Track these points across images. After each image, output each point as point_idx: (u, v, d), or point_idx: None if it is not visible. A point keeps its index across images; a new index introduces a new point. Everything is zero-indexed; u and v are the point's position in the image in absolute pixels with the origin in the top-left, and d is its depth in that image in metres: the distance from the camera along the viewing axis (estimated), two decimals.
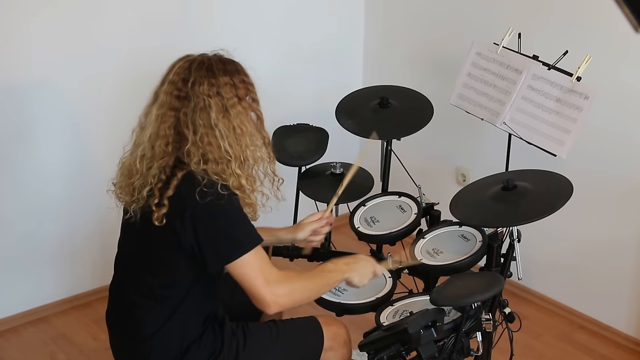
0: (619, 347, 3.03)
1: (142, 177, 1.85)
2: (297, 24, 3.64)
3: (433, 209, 2.52)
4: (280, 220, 3.28)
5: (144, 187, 1.84)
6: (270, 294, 1.82)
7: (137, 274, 1.94)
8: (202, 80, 1.81)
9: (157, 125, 1.83)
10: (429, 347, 1.89)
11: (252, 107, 1.90)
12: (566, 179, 2.19)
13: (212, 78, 1.82)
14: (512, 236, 2.26)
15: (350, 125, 2.71)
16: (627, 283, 2.99)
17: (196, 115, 1.80)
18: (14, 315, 3.12)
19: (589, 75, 2.39)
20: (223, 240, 1.81)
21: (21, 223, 3.04)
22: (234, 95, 1.83)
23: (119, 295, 2.02)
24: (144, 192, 1.83)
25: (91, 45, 3.01)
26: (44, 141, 3.02)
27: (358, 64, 3.95)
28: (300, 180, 2.64)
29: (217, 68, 1.84)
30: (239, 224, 1.83)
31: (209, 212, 1.78)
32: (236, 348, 1.96)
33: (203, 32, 3.29)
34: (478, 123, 2.72)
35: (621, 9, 0.93)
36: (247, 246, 1.82)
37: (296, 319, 2.12)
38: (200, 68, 1.83)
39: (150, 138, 1.84)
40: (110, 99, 3.08)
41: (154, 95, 1.88)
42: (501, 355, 2.42)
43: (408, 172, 2.73)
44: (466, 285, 1.98)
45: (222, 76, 1.83)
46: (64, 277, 3.22)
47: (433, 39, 3.57)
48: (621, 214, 2.96)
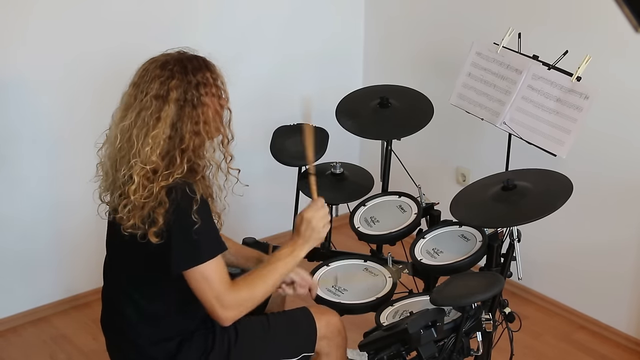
0: (619, 347, 3.03)
1: (113, 179, 1.85)
2: (298, 25, 3.64)
3: (433, 209, 2.52)
4: (280, 220, 3.30)
5: (115, 190, 1.84)
6: (223, 312, 1.81)
7: (124, 280, 1.94)
8: (155, 80, 1.79)
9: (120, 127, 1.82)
10: (429, 347, 1.89)
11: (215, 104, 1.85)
12: (566, 178, 2.19)
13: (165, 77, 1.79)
14: (512, 236, 2.26)
15: (351, 125, 2.71)
16: (627, 283, 2.99)
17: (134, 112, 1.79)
18: (14, 315, 3.12)
19: (589, 75, 2.39)
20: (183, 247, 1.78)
21: (21, 223, 3.04)
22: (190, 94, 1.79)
23: (110, 300, 2.02)
24: (116, 195, 1.83)
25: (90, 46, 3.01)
26: (42, 142, 3.02)
27: (358, 65, 3.95)
28: (300, 181, 2.64)
29: (174, 65, 1.80)
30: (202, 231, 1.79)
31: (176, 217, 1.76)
32: (228, 344, 1.96)
33: (204, 33, 3.29)
34: (478, 123, 2.72)
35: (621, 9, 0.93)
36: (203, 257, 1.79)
37: (288, 311, 2.12)
38: (158, 67, 1.81)
39: (114, 140, 1.84)
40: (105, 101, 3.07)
41: (121, 98, 1.88)
42: (501, 355, 2.42)
43: (408, 172, 2.73)
44: (466, 285, 1.98)
45: (178, 74, 1.79)
46: (64, 277, 3.22)
47: (433, 40, 3.57)
48: (621, 214, 2.96)
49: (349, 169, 2.69)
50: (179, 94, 1.78)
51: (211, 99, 1.83)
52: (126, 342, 1.96)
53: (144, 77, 1.81)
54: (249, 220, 3.58)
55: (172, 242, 1.76)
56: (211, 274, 1.80)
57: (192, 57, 1.85)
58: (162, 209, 1.74)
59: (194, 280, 1.80)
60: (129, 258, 1.89)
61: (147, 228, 1.76)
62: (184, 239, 1.77)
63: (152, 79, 1.79)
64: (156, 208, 1.75)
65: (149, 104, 1.78)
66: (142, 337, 1.92)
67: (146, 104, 1.78)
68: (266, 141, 2.68)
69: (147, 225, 1.76)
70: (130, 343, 1.94)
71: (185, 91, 1.79)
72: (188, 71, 1.80)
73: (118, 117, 1.85)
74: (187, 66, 1.81)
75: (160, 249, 1.77)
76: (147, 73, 1.82)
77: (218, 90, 1.85)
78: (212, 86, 1.83)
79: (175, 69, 1.80)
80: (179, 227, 1.76)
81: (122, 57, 3.08)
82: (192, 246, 1.78)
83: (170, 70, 1.79)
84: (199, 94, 1.80)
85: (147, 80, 1.80)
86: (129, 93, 1.84)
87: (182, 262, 1.79)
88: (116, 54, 3.06)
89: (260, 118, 3.37)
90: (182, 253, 1.78)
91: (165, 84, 1.78)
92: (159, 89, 1.78)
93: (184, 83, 1.79)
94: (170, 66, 1.80)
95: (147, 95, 1.78)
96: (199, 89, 1.80)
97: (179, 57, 1.84)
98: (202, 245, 1.79)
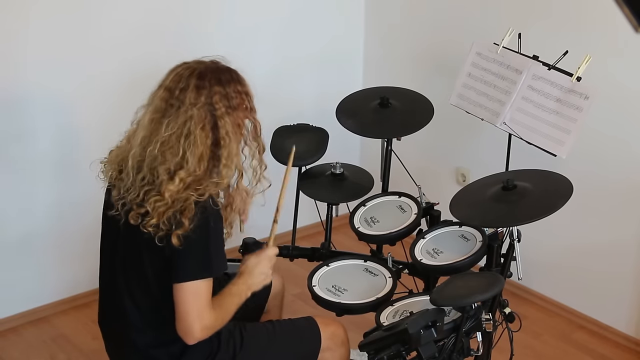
0: (619, 347, 3.03)
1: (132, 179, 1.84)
2: (298, 27, 3.64)
3: (433, 209, 2.52)
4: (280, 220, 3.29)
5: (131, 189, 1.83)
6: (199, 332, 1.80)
7: (128, 282, 1.92)
8: (192, 89, 1.81)
9: (150, 129, 1.83)
10: (429, 347, 1.89)
11: (247, 115, 1.90)
12: (566, 179, 2.19)
13: (202, 88, 1.81)
14: (512, 236, 2.26)
15: (351, 124, 2.71)
16: (627, 283, 2.99)
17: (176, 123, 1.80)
18: (14, 315, 3.12)
19: (589, 75, 2.39)
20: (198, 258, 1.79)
21: (21, 223, 3.05)
22: (225, 106, 1.83)
23: (110, 301, 2.00)
24: (131, 195, 1.82)
25: (87, 50, 3.01)
26: (42, 143, 3.02)
27: (358, 66, 3.95)
28: (300, 181, 2.64)
29: (210, 77, 1.83)
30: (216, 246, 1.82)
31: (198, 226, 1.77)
32: (233, 348, 1.95)
33: (205, 35, 3.29)
34: (478, 123, 2.72)
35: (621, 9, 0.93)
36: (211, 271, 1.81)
37: (293, 319, 2.12)
38: (194, 76, 1.83)
39: (142, 141, 1.84)
40: (106, 102, 3.09)
41: (150, 98, 1.88)
42: (501, 355, 2.42)
43: (408, 172, 2.73)
44: (466, 285, 1.98)
45: (215, 85, 1.82)
46: (64, 277, 3.22)
47: (433, 41, 3.57)
48: (621, 214, 2.96)
49: (349, 169, 2.69)
50: (218, 106, 1.81)
51: (244, 112, 1.88)
52: (128, 344, 1.95)
53: (179, 82, 1.83)
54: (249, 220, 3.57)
55: (191, 249, 1.77)
56: (204, 290, 1.80)
57: (225, 68, 1.89)
58: (188, 213, 1.76)
59: (186, 291, 1.79)
60: (139, 260, 1.87)
61: (172, 229, 1.76)
62: (202, 249, 1.79)
63: (191, 88, 1.81)
64: (182, 211, 1.76)
65: (194, 114, 1.79)
66: (145, 339, 1.92)
67: (189, 114, 1.79)
68: (266, 141, 2.68)
69: (174, 226, 1.76)
70: (133, 345, 1.93)
71: (224, 104, 1.82)
72: (223, 83, 1.84)
73: (147, 118, 1.85)
74: (221, 78, 1.85)
75: (174, 253, 1.78)
76: (182, 79, 1.83)
77: (249, 103, 1.90)
78: (244, 100, 1.88)
79: (213, 81, 1.83)
80: (201, 237, 1.77)
81: (122, 61, 3.10)
82: (204, 259, 1.80)
83: (209, 82, 1.82)
84: (233, 107, 1.84)
85: (184, 88, 1.81)
86: (160, 96, 1.84)
87: (192, 271, 1.79)
88: (117, 58, 3.07)
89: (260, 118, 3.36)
90: (196, 262, 1.79)
91: (207, 97, 1.81)
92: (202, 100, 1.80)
93: (222, 96, 1.82)
94: (208, 77, 1.83)
95: (191, 105, 1.80)
96: (232, 102, 1.84)
97: (214, 67, 1.87)
98: (213, 260, 1.81)
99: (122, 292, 1.93)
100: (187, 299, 1.79)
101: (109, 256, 1.99)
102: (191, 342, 1.82)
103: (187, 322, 1.79)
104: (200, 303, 1.79)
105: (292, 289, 3.08)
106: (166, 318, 1.88)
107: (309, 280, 2.30)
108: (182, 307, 1.80)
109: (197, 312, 1.79)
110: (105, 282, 2.02)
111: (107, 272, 2.00)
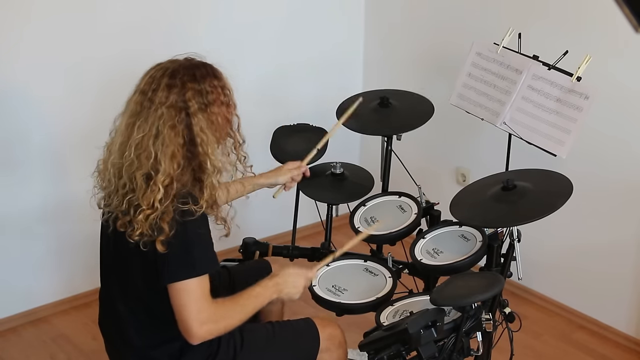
0: (619, 347, 3.03)
1: (114, 186, 1.83)
2: (298, 29, 3.64)
3: (433, 209, 2.52)
4: (280, 220, 3.30)
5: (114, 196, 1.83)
6: (197, 328, 1.79)
7: (124, 285, 1.92)
8: (163, 88, 1.78)
9: (127, 134, 1.81)
10: (429, 347, 1.89)
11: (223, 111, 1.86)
12: (566, 178, 2.19)
13: (173, 86, 1.78)
14: (512, 236, 2.26)
15: (351, 122, 2.71)
16: (627, 283, 2.99)
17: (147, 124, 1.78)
18: (14, 315, 3.12)
19: (589, 75, 2.39)
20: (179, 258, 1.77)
21: (21, 223, 3.05)
22: (199, 102, 1.79)
23: (109, 303, 2.00)
24: (115, 202, 1.82)
25: (81, 51, 3.01)
26: (41, 142, 3.02)
27: (358, 67, 3.95)
28: (300, 181, 2.63)
29: (183, 74, 1.80)
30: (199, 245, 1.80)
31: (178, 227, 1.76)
32: (233, 349, 1.95)
33: (205, 36, 3.29)
34: (478, 123, 2.72)
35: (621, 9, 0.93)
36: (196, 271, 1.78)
37: (292, 321, 2.12)
38: (166, 75, 1.80)
39: (120, 147, 1.82)
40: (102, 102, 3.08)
41: (126, 104, 1.86)
42: (501, 355, 2.42)
43: (408, 172, 2.73)
44: (466, 285, 1.98)
45: (188, 82, 1.79)
46: (64, 277, 3.22)
47: (433, 41, 3.57)
48: (621, 214, 2.96)
49: (349, 169, 2.68)
50: (191, 104, 1.78)
51: (219, 107, 1.84)
52: (127, 344, 1.95)
53: (152, 84, 1.80)
54: (249, 220, 3.58)
55: (169, 251, 1.75)
56: (197, 289, 1.78)
57: (200, 64, 1.85)
58: (167, 217, 1.74)
59: (179, 292, 1.78)
60: (128, 265, 1.87)
61: (155, 235, 1.75)
62: (183, 249, 1.76)
63: (161, 88, 1.78)
64: (161, 216, 1.74)
65: (163, 113, 1.77)
66: (143, 341, 1.91)
67: (159, 113, 1.77)
68: (266, 141, 2.68)
69: (156, 232, 1.74)
70: (131, 346, 1.93)
71: (197, 100, 1.79)
72: (197, 79, 1.80)
73: (124, 124, 1.83)
74: (195, 74, 1.81)
75: (157, 257, 1.77)
76: (154, 80, 1.80)
77: (226, 97, 1.86)
78: (220, 94, 1.84)
79: (186, 78, 1.79)
80: (179, 238, 1.75)
81: (122, 62, 3.09)
82: (189, 258, 1.78)
83: (180, 80, 1.79)
84: (208, 102, 1.81)
85: (155, 89, 1.79)
86: (134, 100, 1.82)
87: (176, 272, 1.77)
88: (116, 59, 3.07)
89: (260, 119, 3.36)
90: (178, 264, 1.77)
91: (179, 94, 1.78)
92: (172, 99, 1.77)
93: (196, 92, 1.79)
94: (180, 75, 1.80)
95: (160, 104, 1.77)
96: (208, 97, 1.80)
97: (187, 64, 1.84)
98: (198, 259, 1.79)
99: (116, 296, 1.93)
100: (180, 298, 1.78)
101: (104, 261, 2.00)
102: (194, 341, 1.81)
103: (184, 322, 1.79)
104: (194, 301, 1.78)
105: None
106: (162, 320, 1.88)
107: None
108: (177, 308, 1.79)
109: (191, 310, 1.78)
110: (103, 285, 2.03)
111: (104, 276, 2.01)
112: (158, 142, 1.77)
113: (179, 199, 1.76)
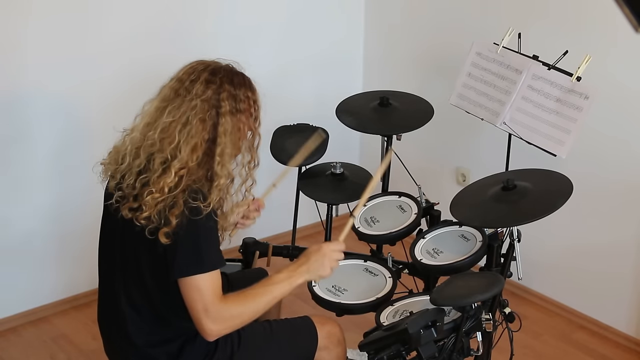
0: (619, 347, 3.03)
1: (128, 164, 1.85)
2: (298, 29, 3.64)
3: (433, 209, 2.52)
4: (280, 220, 3.29)
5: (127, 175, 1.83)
6: (209, 324, 1.78)
7: (126, 279, 1.92)
8: (202, 81, 1.82)
9: (155, 116, 1.84)
10: (429, 347, 1.89)
11: (249, 124, 1.90)
12: (566, 178, 2.19)
13: (212, 82, 1.82)
14: (512, 236, 2.26)
15: (351, 121, 2.72)
16: (627, 283, 2.99)
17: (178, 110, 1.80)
18: (14, 315, 3.12)
19: (589, 75, 2.39)
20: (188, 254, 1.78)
21: (21, 223, 3.05)
22: (231, 106, 1.83)
23: (109, 299, 2.00)
24: (128, 181, 1.83)
25: (88, 51, 3.02)
26: (42, 143, 3.02)
27: (358, 68, 3.95)
28: (300, 180, 2.64)
29: (223, 75, 1.85)
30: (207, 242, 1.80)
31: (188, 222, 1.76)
32: (231, 348, 1.95)
33: (206, 37, 3.29)
34: (478, 123, 2.72)
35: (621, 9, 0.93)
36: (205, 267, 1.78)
37: (290, 319, 2.12)
38: (207, 70, 1.84)
39: (145, 127, 1.85)
40: (105, 103, 3.09)
41: (160, 89, 1.89)
42: (501, 355, 2.42)
43: (408, 171, 2.73)
44: (466, 285, 1.98)
45: (226, 84, 1.84)
46: (64, 277, 3.22)
47: (433, 41, 3.57)
48: (621, 214, 2.96)
49: (349, 169, 2.69)
50: (224, 104, 1.82)
51: (247, 118, 1.88)
52: (126, 343, 1.94)
53: (191, 74, 1.84)
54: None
55: (178, 246, 1.76)
56: (206, 284, 1.78)
57: (239, 73, 1.90)
58: (176, 211, 1.75)
59: (188, 288, 1.78)
60: (137, 261, 1.87)
61: (161, 225, 1.75)
62: (192, 245, 1.77)
63: (200, 81, 1.82)
64: (171, 208, 1.75)
65: (196, 105, 1.80)
66: (143, 338, 1.91)
67: (193, 104, 1.80)
68: (266, 141, 2.68)
69: (162, 222, 1.75)
70: (130, 344, 1.93)
71: (230, 103, 1.83)
72: (234, 84, 1.85)
73: (154, 107, 1.86)
74: (233, 79, 1.86)
75: (166, 251, 1.77)
76: (195, 72, 1.84)
77: (255, 112, 1.91)
78: (251, 107, 1.89)
79: (225, 79, 1.84)
80: (189, 233, 1.76)
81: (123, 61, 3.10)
82: (198, 254, 1.78)
83: (220, 79, 1.83)
84: (239, 109, 1.85)
85: (194, 80, 1.83)
86: (170, 85, 1.86)
87: (184, 268, 1.78)
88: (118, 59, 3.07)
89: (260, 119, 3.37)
90: (187, 259, 1.78)
91: (215, 92, 1.82)
92: (208, 94, 1.81)
93: (230, 95, 1.83)
94: (221, 75, 1.84)
95: (196, 96, 1.81)
96: (240, 105, 1.85)
97: (228, 68, 1.88)
98: (207, 255, 1.80)
99: (119, 292, 1.93)
100: (190, 294, 1.79)
101: (107, 256, 1.99)
102: (209, 338, 1.81)
103: (195, 319, 1.80)
104: (204, 297, 1.78)
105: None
106: (164, 317, 1.88)
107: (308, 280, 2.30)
108: (188, 304, 1.80)
109: (201, 307, 1.78)
110: (104, 282, 2.02)
111: (106, 272, 2.00)
112: (185, 130, 1.80)
113: (190, 193, 1.77)
